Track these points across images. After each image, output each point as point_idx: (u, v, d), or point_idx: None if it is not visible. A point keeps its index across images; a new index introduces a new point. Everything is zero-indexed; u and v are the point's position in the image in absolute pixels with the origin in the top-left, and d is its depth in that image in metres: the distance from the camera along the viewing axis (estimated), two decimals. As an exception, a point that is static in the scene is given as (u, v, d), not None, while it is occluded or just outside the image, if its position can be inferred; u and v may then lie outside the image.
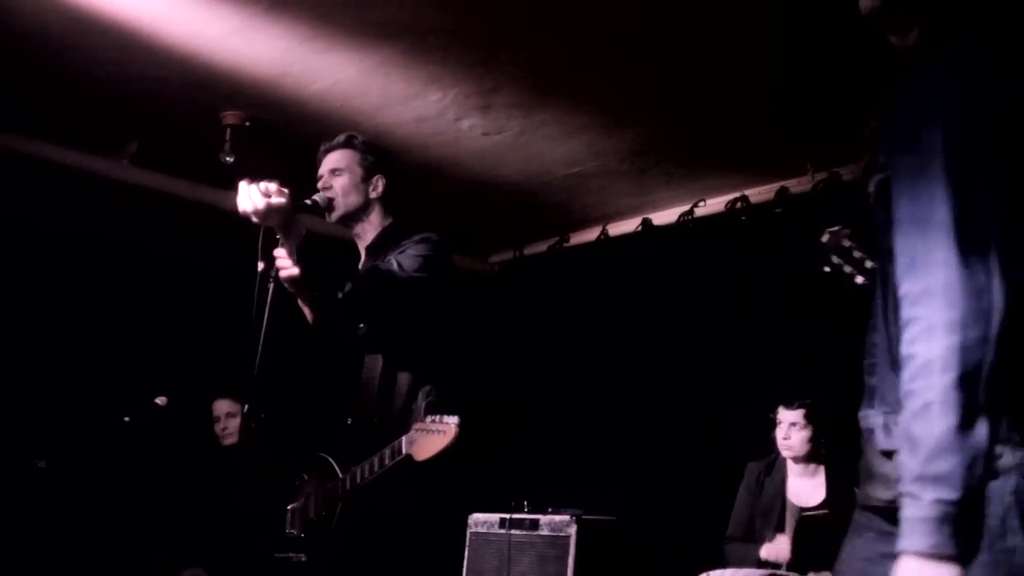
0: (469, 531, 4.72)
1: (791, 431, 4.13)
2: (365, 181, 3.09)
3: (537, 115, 4.42)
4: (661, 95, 4.21)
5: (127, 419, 4.69)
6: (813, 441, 4.10)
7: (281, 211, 2.65)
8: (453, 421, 2.58)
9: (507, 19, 3.65)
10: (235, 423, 5.13)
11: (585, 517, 4.44)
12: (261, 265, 2.71)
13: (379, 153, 3.16)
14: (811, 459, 4.14)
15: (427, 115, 4.44)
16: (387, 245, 3.06)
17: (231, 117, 4.50)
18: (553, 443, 5.65)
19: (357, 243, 3.17)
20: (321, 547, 3.07)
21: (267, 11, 3.63)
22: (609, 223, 5.79)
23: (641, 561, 4.57)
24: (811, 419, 4.10)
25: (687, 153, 4.80)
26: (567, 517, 4.43)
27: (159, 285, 5.57)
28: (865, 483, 1.65)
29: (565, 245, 6.07)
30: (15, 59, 4.04)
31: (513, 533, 4.54)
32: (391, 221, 3.13)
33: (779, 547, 3.93)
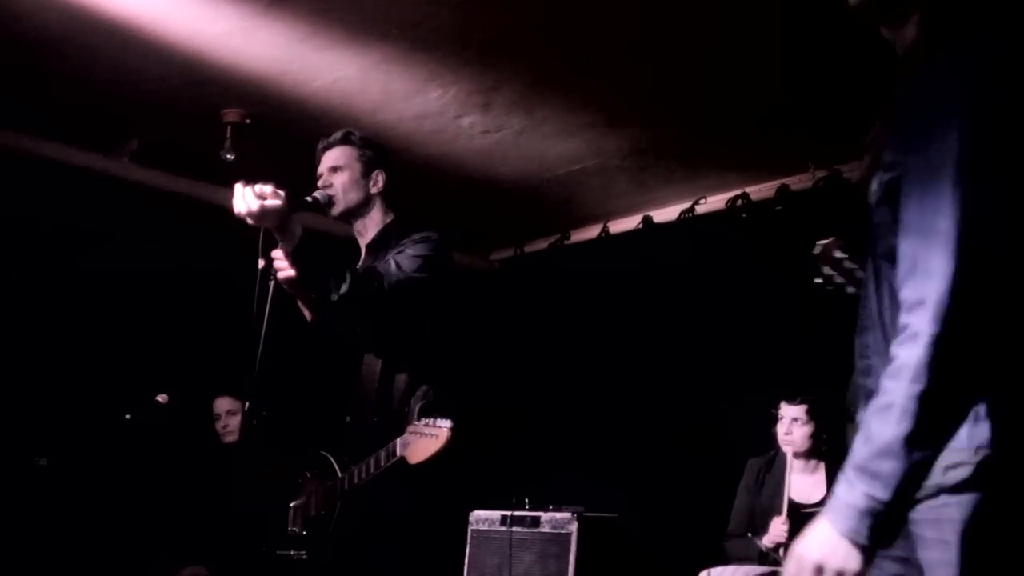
0: (470, 528, 4.72)
1: (793, 426, 4.12)
2: (365, 177, 3.09)
3: (538, 113, 4.41)
4: (662, 93, 4.20)
5: (128, 417, 4.69)
6: (815, 437, 4.11)
7: (276, 213, 2.64)
8: (446, 424, 2.58)
9: (507, 17, 3.65)
10: (236, 421, 5.14)
11: (586, 514, 4.44)
12: (261, 263, 2.72)
13: (378, 148, 3.16)
14: (812, 455, 4.14)
15: (427, 113, 4.44)
16: (387, 243, 3.05)
17: (231, 115, 4.50)
18: (554, 440, 5.65)
19: (358, 240, 3.17)
20: (321, 545, 3.07)
21: (267, 9, 3.63)
22: (610, 220, 5.79)
23: (642, 558, 4.57)
24: (813, 415, 4.10)
25: (688, 151, 4.79)
26: (568, 514, 4.44)
27: (160, 283, 5.56)
28: None
29: (566, 242, 6.06)
30: (16, 57, 4.04)
31: (514, 530, 4.54)
32: (392, 218, 3.13)
33: (776, 530, 3.91)
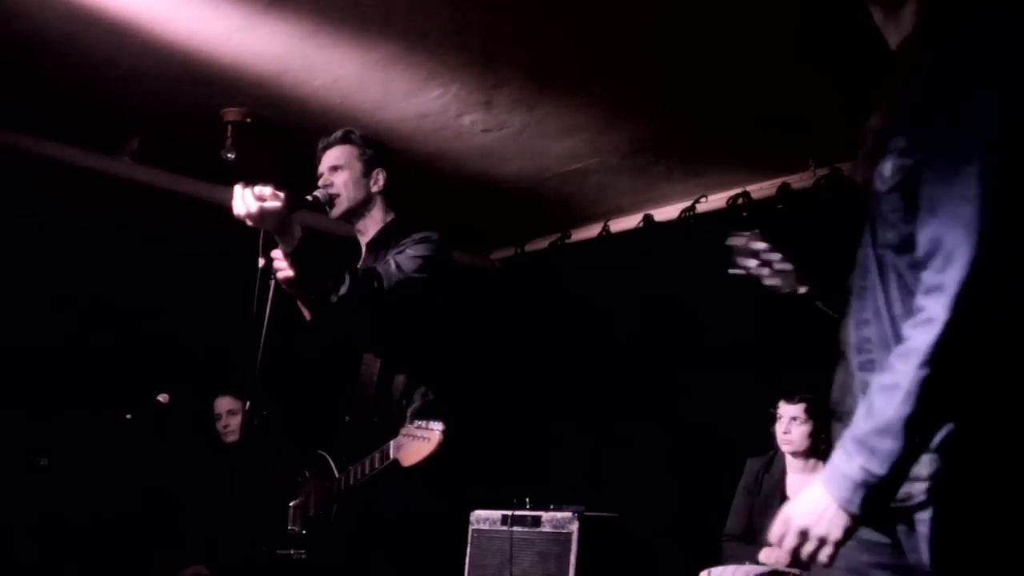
0: (471, 528, 4.71)
1: (791, 425, 4.12)
2: (366, 175, 3.08)
3: (538, 111, 4.41)
4: (662, 91, 4.20)
5: (129, 416, 4.69)
6: (813, 436, 4.10)
7: (275, 215, 2.64)
8: (438, 427, 2.58)
9: (508, 16, 3.64)
10: (237, 420, 5.13)
11: (587, 514, 4.44)
12: (261, 262, 2.71)
13: (378, 147, 3.15)
14: (811, 454, 4.14)
15: (428, 111, 4.44)
16: (388, 242, 3.05)
17: (232, 114, 4.50)
18: (555, 440, 5.65)
19: (358, 239, 3.17)
20: (320, 545, 3.07)
21: (268, 8, 3.62)
22: (610, 219, 5.78)
23: (643, 558, 4.57)
24: (812, 414, 4.10)
25: (688, 149, 4.79)
26: (569, 514, 4.43)
27: (160, 282, 5.56)
28: None
29: (567, 241, 6.06)
30: (16, 57, 4.04)
31: (515, 530, 4.54)
32: (393, 217, 3.12)
33: (778, 553, 3.91)
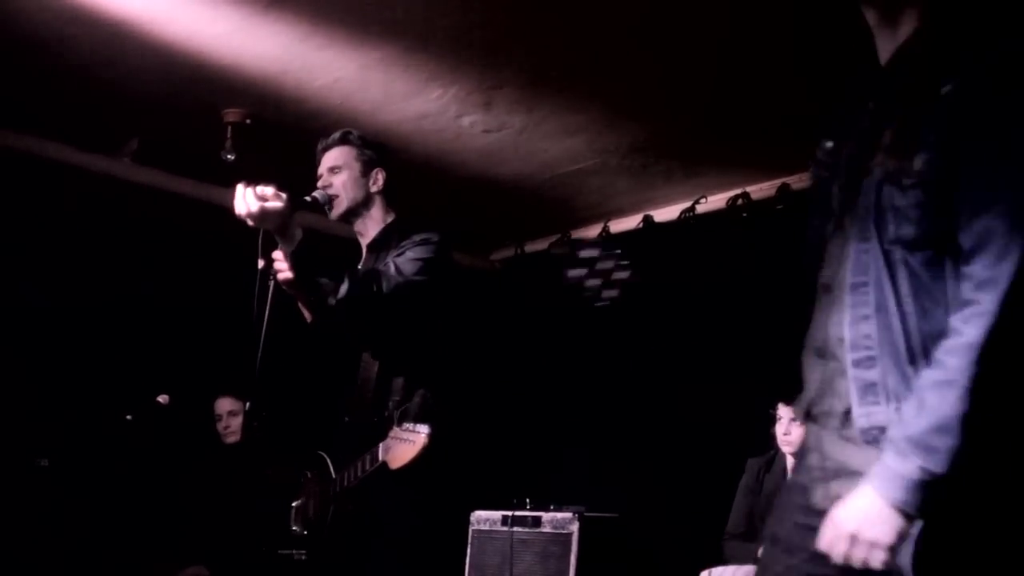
0: (471, 528, 4.72)
1: (791, 427, 4.12)
2: (365, 176, 3.08)
3: (538, 112, 4.41)
4: (662, 92, 4.20)
5: (129, 417, 4.69)
6: (814, 437, 4.09)
7: (277, 215, 2.64)
8: (424, 431, 2.60)
9: (508, 16, 3.64)
10: (237, 421, 5.13)
11: (587, 514, 4.44)
12: (261, 263, 2.72)
13: (377, 147, 3.15)
14: (812, 455, 4.13)
15: (428, 112, 4.44)
16: (388, 243, 3.05)
17: (232, 115, 4.50)
18: (555, 440, 5.65)
19: (359, 240, 3.17)
20: (320, 546, 3.07)
21: (267, 9, 3.62)
22: (610, 220, 5.78)
23: (643, 558, 4.57)
24: (812, 415, 4.09)
25: (688, 150, 4.79)
26: (569, 514, 4.43)
27: (160, 283, 5.56)
28: (821, 482, 1.63)
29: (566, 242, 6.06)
30: (16, 57, 4.04)
31: (516, 530, 4.54)
32: (393, 217, 3.12)
33: None
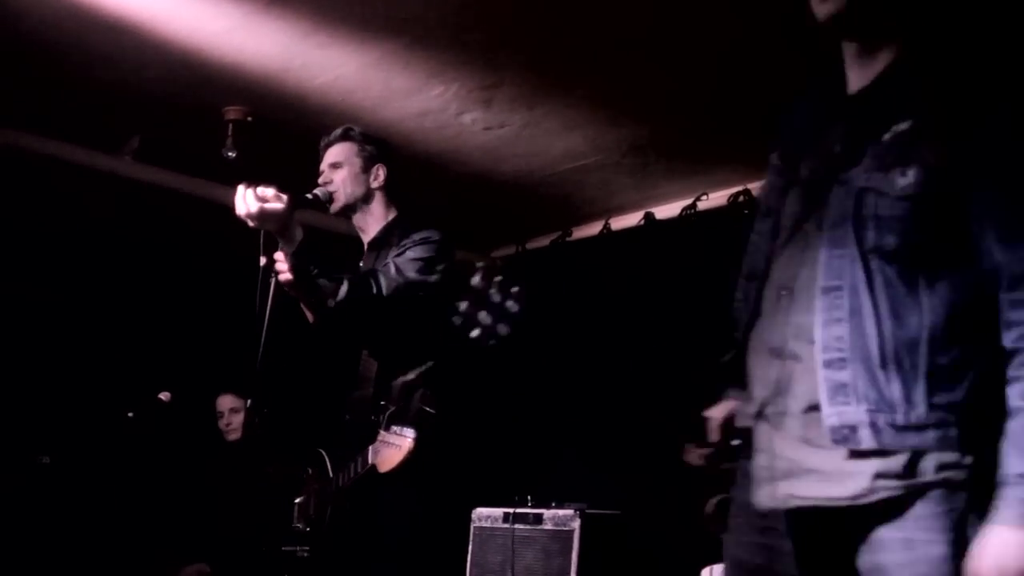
0: (473, 526, 4.72)
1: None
2: (365, 172, 3.09)
3: (539, 109, 4.41)
4: (664, 89, 4.19)
5: (131, 414, 4.70)
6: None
7: (277, 217, 2.65)
8: (410, 435, 2.63)
9: (509, 13, 3.64)
10: (239, 418, 5.14)
11: (589, 511, 4.44)
12: (263, 260, 2.72)
13: (378, 143, 3.15)
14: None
15: (429, 109, 4.44)
16: (389, 241, 3.05)
17: (233, 113, 4.49)
18: (557, 438, 5.65)
19: (360, 237, 3.17)
20: (321, 543, 3.08)
21: (268, 6, 3.62)
22: (611, 217, 5.78)
23: (645, 555, 4.57)
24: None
25: (690, 147, 4.79)
26: (571, 511, 4.43)
27: (162, 281, 5.57)
28: (767, 482, 1.68)
29: (567, 239, 6.05)
30: (17, 56, 4.03)
31: (517, 528, 4.54)
32: (395, 215, 3.12)
33: None
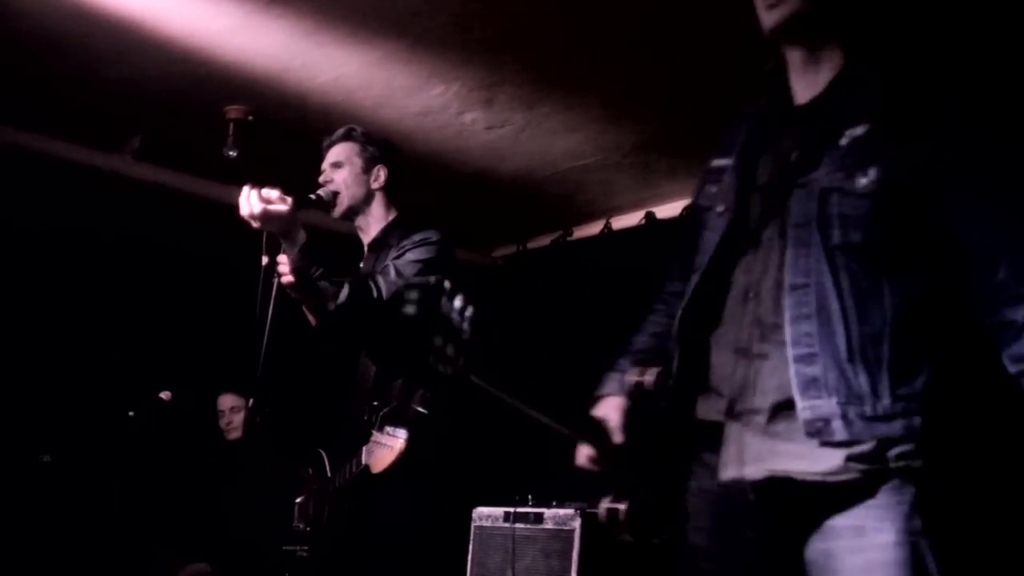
0: (473, 525, 4.71)
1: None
2: (366, 172, 3.08)
3: (540, 109, 4.41)
4: (665, 88, 4.19)
5: (132, 414, 4.70)
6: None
7: (280, 219, 2.65)
8: (402, 435, 2.65)
9: (510, 13, 3.64)
10: (240, 417, 5.14)
11: (590, 510, 4.44)
12: (265, 260, 2.72)
13: (379, 144, 3.15)
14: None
15: (430, 109, 4.44)
16: (388, 242, 3.04)
17: (234, 112, 4.49)
18: (557, 436, 5.64)
19: (360, 238, 3.17)
20: (319, 543, 3.08)
21: (269, 5, 3.62)
22: (612, 216, 5.78)
23: (646, 555, 4.57)
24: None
25: (691, 146, 4.78)
26: (572, 511, 4.43)
27: (163, 280, 5.57)
28: (735, 464, 1.72)
29: (568, 239, 6.05)
30: (18, 55, 4.04)
31: (517, 527, 4.54)
32: (395, 216, 3.12)
33: None
